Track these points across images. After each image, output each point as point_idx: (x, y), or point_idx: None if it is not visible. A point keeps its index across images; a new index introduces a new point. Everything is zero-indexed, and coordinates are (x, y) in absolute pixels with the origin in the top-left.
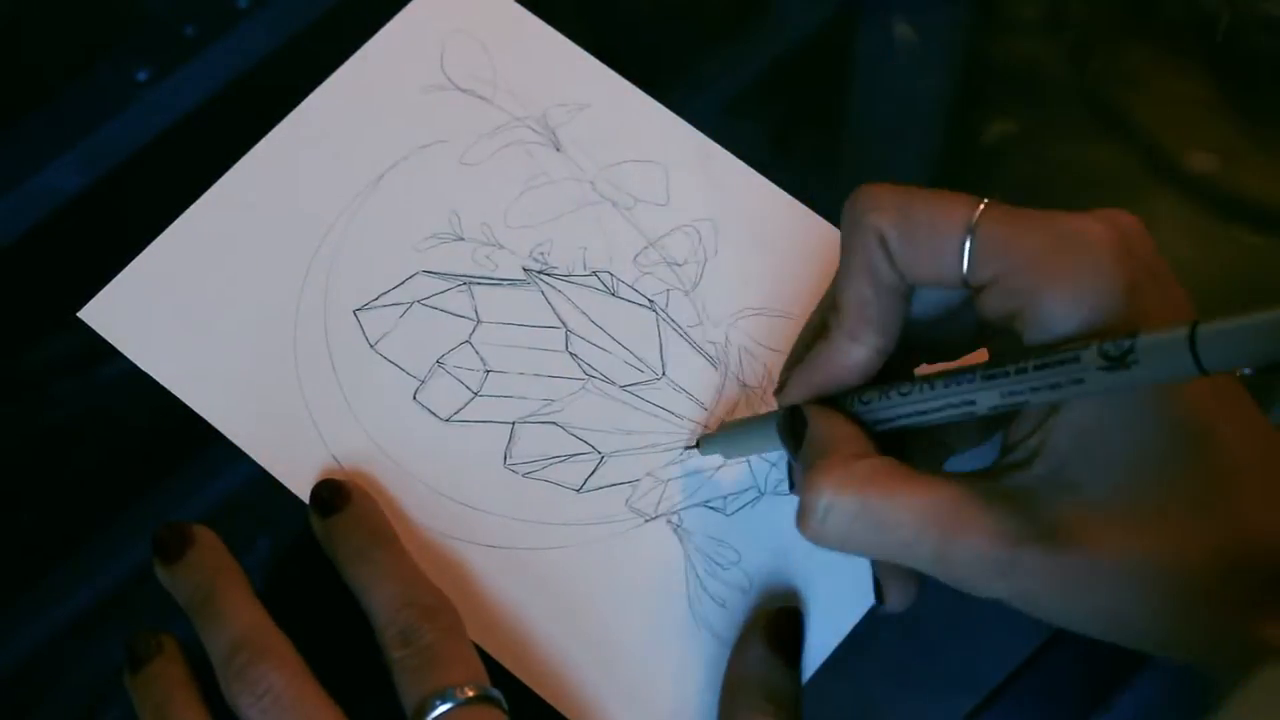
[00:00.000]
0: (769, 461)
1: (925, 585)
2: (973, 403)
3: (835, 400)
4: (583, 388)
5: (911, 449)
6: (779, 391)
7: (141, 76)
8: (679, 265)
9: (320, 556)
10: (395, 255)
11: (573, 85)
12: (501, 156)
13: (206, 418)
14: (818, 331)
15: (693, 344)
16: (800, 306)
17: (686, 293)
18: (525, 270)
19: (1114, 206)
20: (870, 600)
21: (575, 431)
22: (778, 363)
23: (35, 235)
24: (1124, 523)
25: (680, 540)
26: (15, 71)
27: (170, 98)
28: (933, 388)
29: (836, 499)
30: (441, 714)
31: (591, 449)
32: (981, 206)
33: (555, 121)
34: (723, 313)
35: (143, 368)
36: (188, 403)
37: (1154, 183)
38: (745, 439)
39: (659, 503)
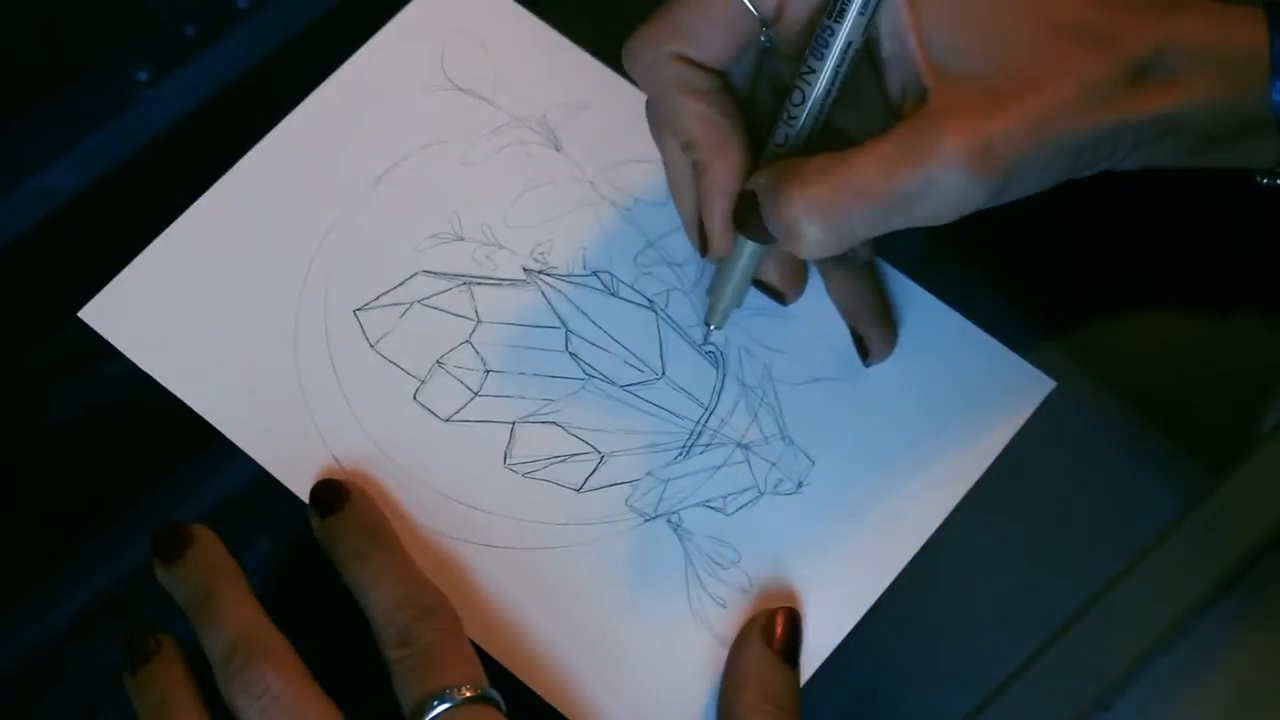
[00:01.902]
0: (769, 461)
1: (924, 583)
2: (849, 43)
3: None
4: (582, 387)
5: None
6: (706, 247)
7: (141, 76)
8: (678, 265)
9: (320, 556)
10: (395, 255)
11: (572, 85)
12: (501, 156)
13: (206, 417)
14: (688, 183)
15: (692, 344)
16: (799, 306)
17: (686, 292)
18: (525, 270)
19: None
20: (870, 601)
21: (575, 431)
22: (778, 362)
23: (35, 235)
24: (1030, 74)
25: (680, 540)
26: (15, 71)
27: (170, 98)
28: (812, 70)
29: (810, 198)
30: (439, 714)
31: (591, 449)
32: None
33: (555, 122)
34: None
35: (143, 367)
36: (188, 402)
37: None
38: (732, 274)
39: (659, 502)
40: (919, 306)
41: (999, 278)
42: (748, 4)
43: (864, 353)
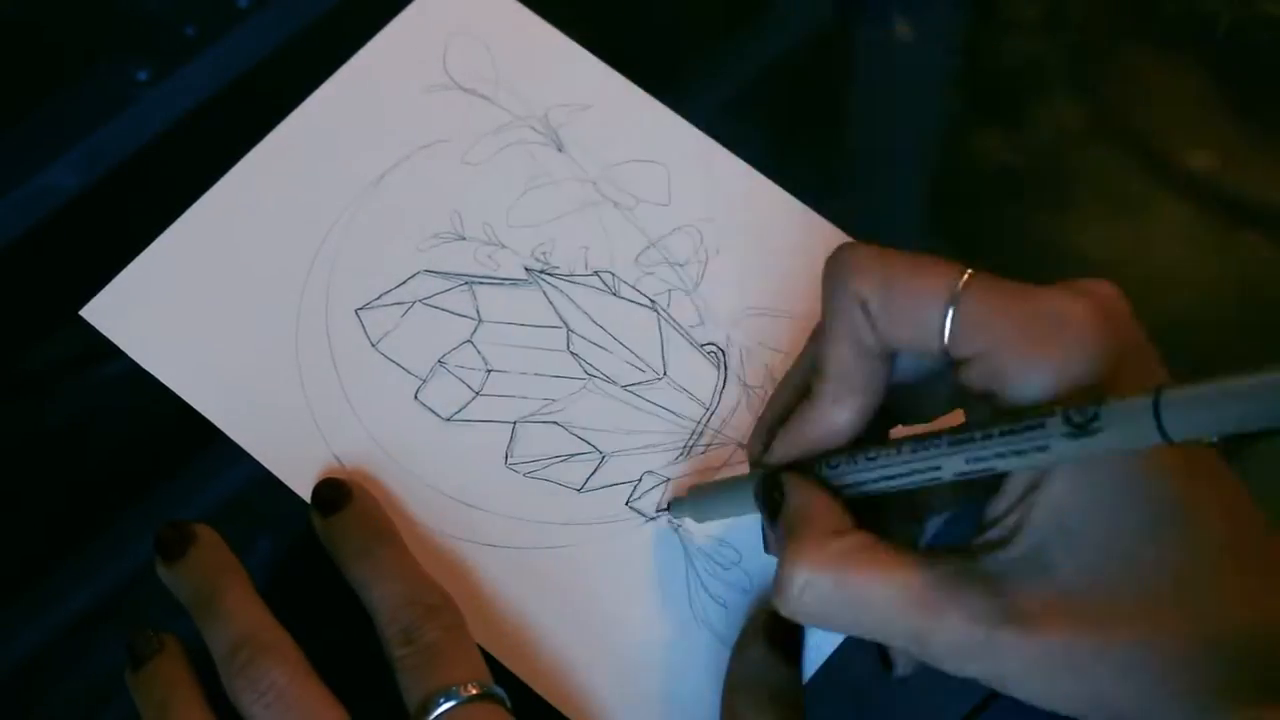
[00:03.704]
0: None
1: None
2: (938, 468)
3: (804, 464)
4: (584, 387)
5: (888, 510)
6: (756, 454)
7: (141, 76)
8: (680, 265)
9: (322, 556)
10: (397, 254)
11: (575, 85)
12: (503, 156)
13: (208, 416)
14: (798, 392)
15: (694, 344)
16: (801, 306)
17: (688, 292)
18: (527, 270)
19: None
20: None
21: (576, 431)
22: (778, 362)
23: (36, 235)
24: (1100, 608)
25: (681, 540)
26: (15, 72)
27: (170, 98)
28: (899, 453)
29: (813, 577)
30: (445, 712)
31: (592, 448)
32: (964, 277)
33: (557, 121)
34: (724, 312)
35: (144, 366)
36: (189, 401)
37: (1154, 183)
38: (718, 503)
39: (660, 502)
40: None
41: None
42: (946, 332)
43: (887, 667)
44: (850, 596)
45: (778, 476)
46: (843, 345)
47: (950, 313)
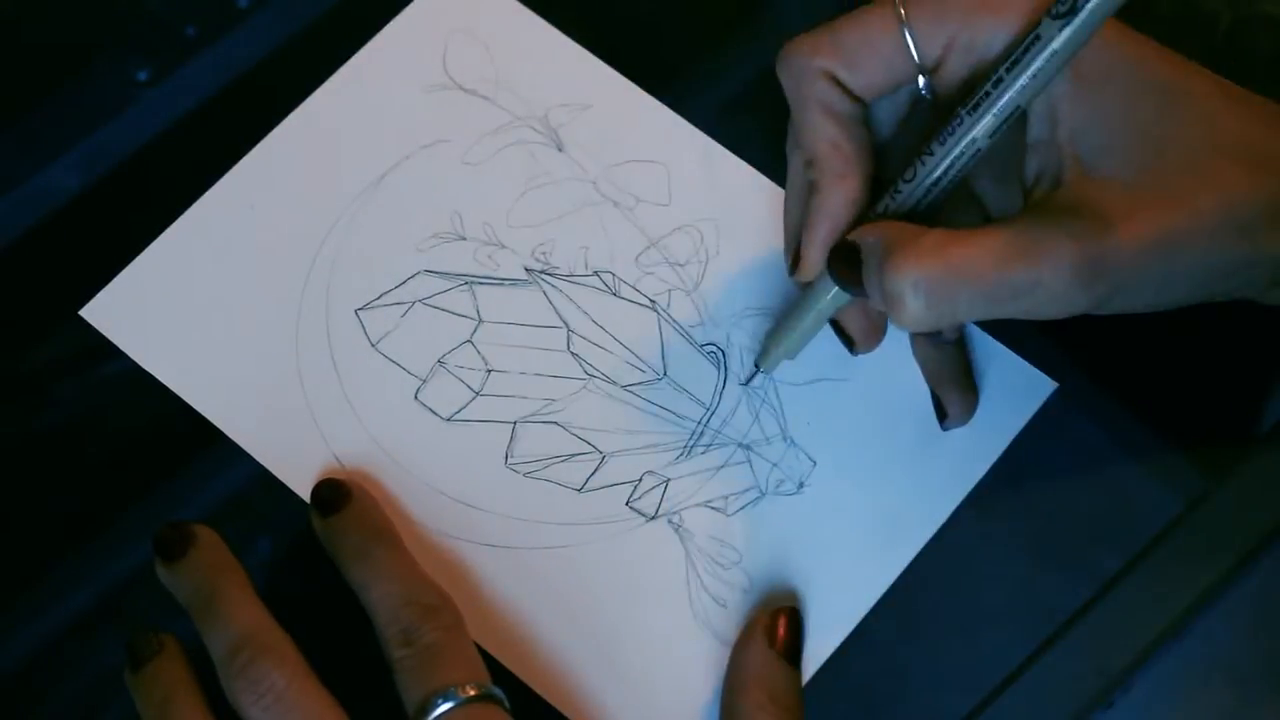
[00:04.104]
0: (770, 461)
1: (925, 583)
2: (974, 140)
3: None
4: (584, 387)
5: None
6: (796, 266)
7: (141, 76)
8: (681, 265)
9: (321, 556)
10: (397, 255)
11: (575, 85)
12: (504, 156)
13: (208, 417)
14: (804, 200)
15: (694, 344)
16: None
17: (688, 293)
18: (527, 270)
19: None
20: (871, 601)
21: (576, 431)
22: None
23: (36, 235)
24: (1171, 190)
25: (681, 540)
26: (15, 72)
27: (170, 98)
28: (931, 154)
29: (920, 273)
30: (443, 713)
31: (592, 449)
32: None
33: (557, 121)
34: (724, 313)
35: (144, 366)
36: (189, 402)
37: None
38: (799, 323)
39: (660, 503)
40: None
41: None
42: (910, 44)
43: (941, 415)
44: (959, 273)
45: (843, 243)
46: (825, 125)
47: (905, 30)
